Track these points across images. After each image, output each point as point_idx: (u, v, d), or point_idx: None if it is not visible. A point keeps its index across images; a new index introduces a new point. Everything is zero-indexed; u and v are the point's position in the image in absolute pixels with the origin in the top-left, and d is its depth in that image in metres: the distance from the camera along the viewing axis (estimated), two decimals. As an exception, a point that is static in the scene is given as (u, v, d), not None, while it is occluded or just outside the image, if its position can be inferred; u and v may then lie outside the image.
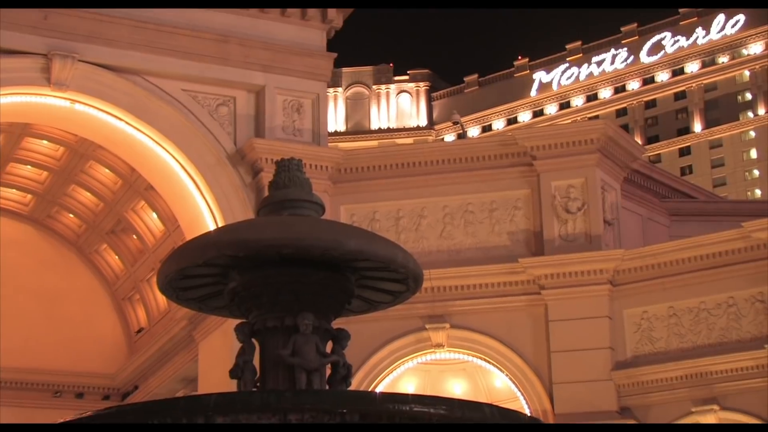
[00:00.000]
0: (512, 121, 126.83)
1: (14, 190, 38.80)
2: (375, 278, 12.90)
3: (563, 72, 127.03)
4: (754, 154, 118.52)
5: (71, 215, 39.22)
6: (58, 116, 32.18)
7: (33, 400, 38.03)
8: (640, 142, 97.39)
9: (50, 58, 30.26)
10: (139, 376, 38.95)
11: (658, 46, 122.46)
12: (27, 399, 38.08)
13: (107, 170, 36.29)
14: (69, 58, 30.36)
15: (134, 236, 38.00)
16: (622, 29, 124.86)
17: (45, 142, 36.15)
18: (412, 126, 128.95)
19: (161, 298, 36.05)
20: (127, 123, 31.43)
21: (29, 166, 37.51)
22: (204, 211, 31.49)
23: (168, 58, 31.54)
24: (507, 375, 30.91)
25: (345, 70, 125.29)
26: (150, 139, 31.56)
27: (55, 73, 30.31)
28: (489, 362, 31.16)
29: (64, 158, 36.56)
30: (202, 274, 12.66)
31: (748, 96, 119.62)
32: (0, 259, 39.02)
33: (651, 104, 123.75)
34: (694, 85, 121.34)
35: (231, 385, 12.61)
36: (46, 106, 31.33)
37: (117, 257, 39.50)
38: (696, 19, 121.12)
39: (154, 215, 36.40)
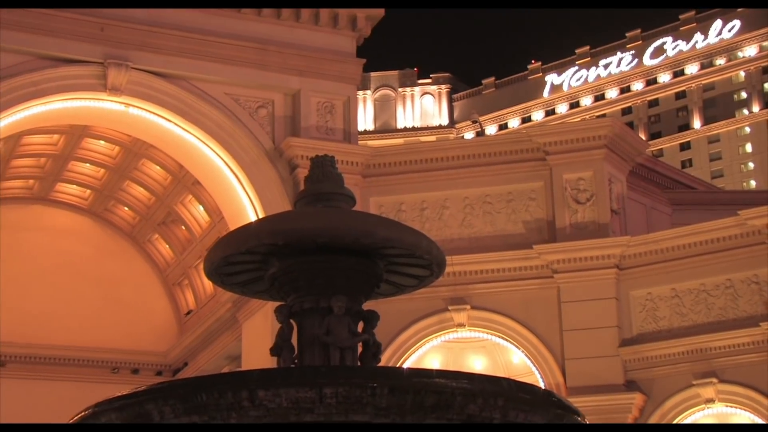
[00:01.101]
0: (526, 119, 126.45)
1: (75, 186, 38.99)
2: (402, 264, 12.89)
3: (573, 74, 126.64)
4: (749, 148, 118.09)
5: (126, 208, 39.38)
6: (113, 119, 32.30)
7: (93, 376, 38.23)
8: (643, 138, 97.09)
9: (106, 65, 30.37)
10: (188, 354, 39.10)
11: (660, 50, 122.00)
12: (88, 375, 38.30)
13: (158, 167, 36.40)
14: (123, 65, 30.45)
15: (183, 227, 38.12)
16: (627, 35, 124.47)
17: (102, 142, 36.29)
18: (434, 125, 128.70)
19: (208, 283, 36.16)
20: (175, 124, 31.52)
21: (88, 164, 37.68)
22: (246, 204, 31.55)
23: (212, 65, 31.60)
24: (523, 351, 30.89)
25: (373, 74, 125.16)
26: (197, 138, 31.64)
27: (111, 80, 30.41)
28: (506, 340, 31.14)
29: (120, 157, 36.70)
30: (244, 261, 12.68)
31: (744, 95, 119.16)
32: (63, 249, 39.33)
33: (654, 103, 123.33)
34: (693, 85, 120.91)
35: (271, 362, 12.64)
36: (103, 109, 31.44)
37: (167, 246, 39.63)
38: (695, 24, 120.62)
39: (201, 208, 36.50)
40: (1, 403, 37.45)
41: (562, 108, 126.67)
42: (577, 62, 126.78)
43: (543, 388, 23.92)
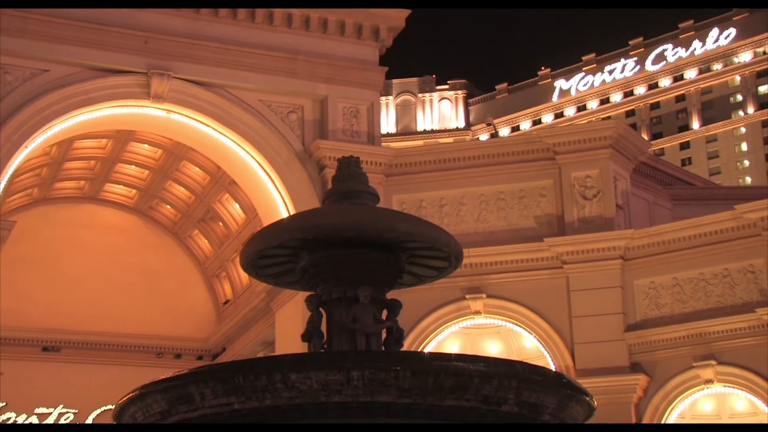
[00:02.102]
0: (537, 122, 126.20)
1: (122, 186, 39.15)
2: (422, 256, 12.88)
3: (580, 80, 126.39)
4: (744, 147, 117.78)
5: (168, 206, 39.51)
6: (156, 124, 32.39)
7: (139, 360, 38.42)
8: (646, 138, 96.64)
9: (150, 75, 30.45)
10: (226, 340, 39.19)
11: (661, 56, 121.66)
12: (134, 359, 38.49)
13: (197, 168, 36.50)
14: (165, 75, 30.52)
15: (220, 223, 38.22)
16: (630, 42, 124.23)
17: (146, 145, 36.41)
18: (452, 127, 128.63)
19: (244, 275, 36.25)
20: (213, 128, 31.57)
21: (133, 166, 37.82)
22: (278, 202, 31.58)
23: (247, 74, 31.64)
24: (535, 336, 30.82)
25: (395, 81, 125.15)
26: (233, 141, 31.69)
27: (154, 88, 30.50)
28: (519, 326, 31.08)
29: (162, 159, 36.82)
30: (277, 254, 12.70)
31: (739, 97, 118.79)
32: (111, 244, 39.50)
33: (655, 106, 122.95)
34: (692, 89, 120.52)
35: (303, 347, 12.66)
36: (147, 115, 31.53)
37: (206, 241, 39.74)
38: (693, 32, 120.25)
39: (237, 205, 36.58)
40: (58, 384, 37.76)
41: (570, 111, 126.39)
42: (583, 68, 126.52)
43: (554, 370, 23.86)
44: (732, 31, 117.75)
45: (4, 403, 36.90)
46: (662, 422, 29.50)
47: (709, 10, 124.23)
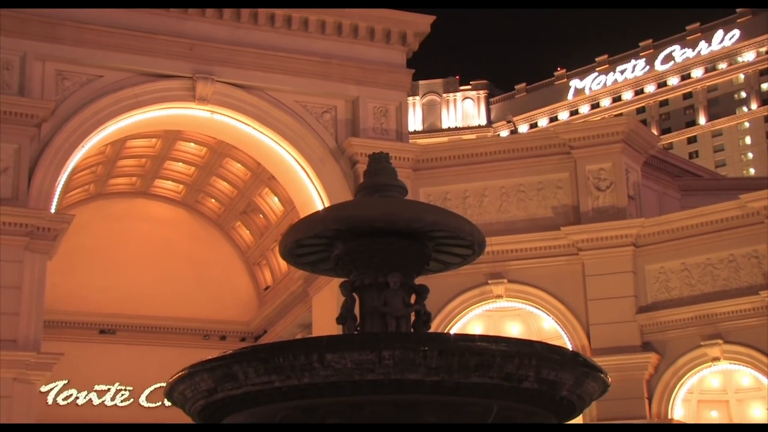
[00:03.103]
0: (553, 119, 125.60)
1: (170, 182, 39.35)
2: (447, 244, 12.83)
3: (594, 79, 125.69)
4: (748, 140, 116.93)
5: (213, 200, 39.67)
6: (201, 124, 32.52)
7: (188, 342, 38.61)
8: (656, 133, 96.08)
9: (195, 79, 30.57)
10: (267, 323, 39.33)
11: (669, 57, 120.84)
12: (184, 341, 38.69)
13: (239, 165, 36.61)
14: (209, 79, 30.64)
15: (261, 215, 38.33)
16: (640, 44, 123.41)
17: (192, 144, 36.56)
18: (474, 125, 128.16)
19: (282, 263, 36.34)
20: (254, 128, 31.66)
21: (180, 163, 38.00)
22: (314, 195, 31.64)
23: (284, 77, 31.69)
24: (553, 318, 30.75)
25: (421, 82, 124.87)
26: (271, 140, 31.77)
27: (199, 91, 30.62)
28: (539, 308, 31.01)
29: (207, 156, 36.95)
30: (313, 243, 12.69)
31: (743, 94, 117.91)
32: (161, 235, 39.72)
33: (664, 103, 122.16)
34: (698, 87, 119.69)
35: (338, 330, 12.67)
36: (192, 116, 31.67)
37: (248, 232, 39.88)
38: (700, 34, 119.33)
39: (276, 199, 36.67)
40: (114, 364, 38.05)
41: (584, 108, 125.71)
42: (597, 69, 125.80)
43: (571, 349, 23.81)
44: (736, 33, 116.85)
45: (66, 381, 37.26)
46: (672, 397, 29.36)
47: (714, 12, 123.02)
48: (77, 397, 37.67)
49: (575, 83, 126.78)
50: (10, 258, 27.23)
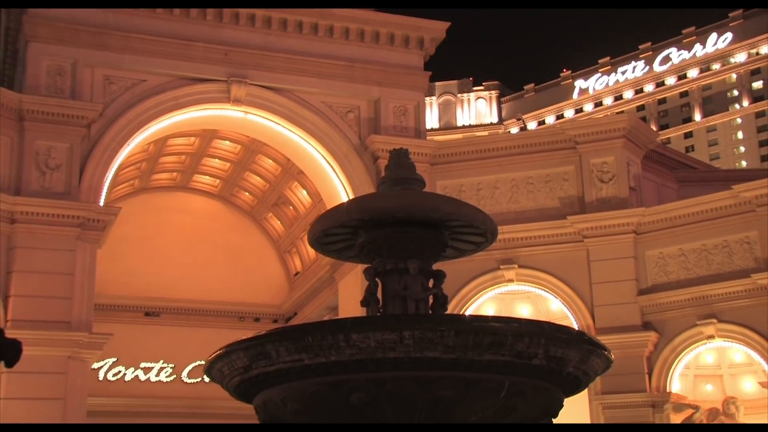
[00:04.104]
0: (560, 116, 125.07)
1: (207, 177, 39.48)
2: (462, 233, 12.81)
3: (597, 79, 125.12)
4: (740, 135, 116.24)
5: (246, 193, 39.77)
6: (235, 124, 32.57)
7: (225, 323, 38.77)
8: (654, 129, 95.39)
9: (230, 82, 30.61)
10: (297, 306, 39.43)
11: (666, 58, 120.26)
12: (221, 322, 38.85)
13: (270, 161, 36.67)
14: (242, 82, 30.68)
15: (291, 207, 38.39)
16: (639, 47, 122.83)
17: (227, 142, 36.64)
18: (486, 123, 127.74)
19: (311, 250, 36.28)
20: (284, 127, 31.69)
21: (217, 160, 38.10)
22: (339, 188, 31.65)
23: (311, 79, 31.69)
24: (560, 300, 30.64)
25: (437, 83, 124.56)
26: (300, 137, 31.79)
27: (233, 93, 30.66)
28: (547, 291, 30.91)
29: (241, 153, 37.04)
30: (339, 232, 12.70)
31: (735, 93, 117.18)
32: (200, 226, 39.88)
33: (662, 101, 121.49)
34: (694, 86, 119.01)
35: (362, 311, 12.68)
36: (227, 116, 31.72)
37: (279, 222, 39.96)
38: (695, 37, 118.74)
39: (304, 192, 36.71)
40: (158, 343, 38.28)
41: (588, 107, 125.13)
42: (599, 70, 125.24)
43: (576, 329, 23.71)
44: (729, 35, 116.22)
45: (115, 359, 37.53)
46: (670, 372, 29.23)
47: (708, 17, 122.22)
48: (125, 374, 37.92)
49: (580, 83, 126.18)
50: (64, 247, 27.42)
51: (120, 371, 37.82)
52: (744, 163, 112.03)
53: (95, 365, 35.45)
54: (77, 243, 27.64)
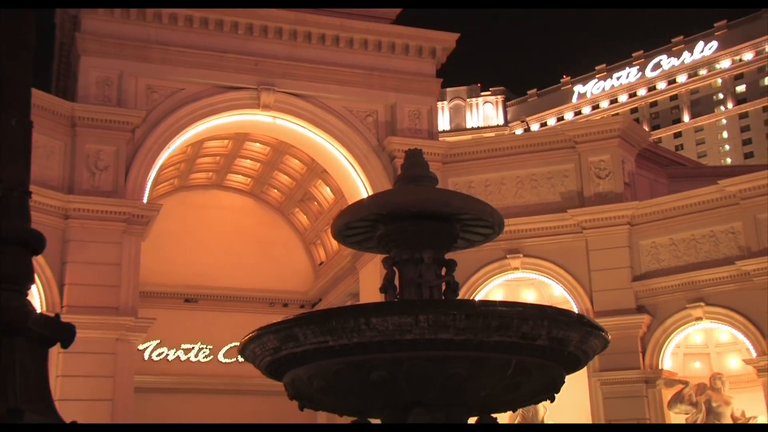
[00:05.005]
0: (560, 119, 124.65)
1: (240, 176, 39.54)
2: (472, 225, 12.79)
3: (594, 85, 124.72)
4: (725, 135, 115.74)
5: (275, 190, 39.81)
6: (265, 127, 32.62)
7: (256, 308, 38.83)
8: (647, 129, 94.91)
9: (259, 90, 30.66)
10: (322, 292, 39.46)
11: (657, 65, 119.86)
12: (252, 307, 38.89)
13: (297, 161, 36.69)
14: (271, 90, 30.71)
15: (315, 203, 38.41)
16: (633, 54, 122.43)
17: (257, 144, 36.69)
18: (493, 125, 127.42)
19: (334, 242, 36.37)
20: (309, 130, 31.71)
21: (248, 160, 38.15)
22: (359, 185, 31.65)
23: (334, 86, 31.69)
24: (562, 286, 30.55)
25: (448, 89, 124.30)
26: (324, 140, 31.81)
27: (263, 100, 30.71)
28: (550, 278, 30.82)
29: (270, 154, 37.07)
30: (359, 226, 12.70)
31: (721, 96, 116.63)
32: (233, 221, 39.95)
33: (654, 104, 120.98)
34: (683, 90, 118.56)
35: (381, 297, 12.68)
36: (258, 121, 31.78)
37: (305, 217, 39.99)
38: (683, 45, 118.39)
39: (328, 189, 36.72)
40: (197, 327, 38.43)
41: (586, 110, 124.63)
42: (596, 76, 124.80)
43: (576, 312, 23.63)
44: (714, 44, 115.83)
45: (158, 341, 37.71)
46: (661, 351, 29.10)
47: (695, 26, 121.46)
48: (167, 354, 38.09)
49: (578, 88, 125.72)
50: (111, 240, 27.62)
51: (163, 352, 38.00)
52: (729, 160, 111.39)
53: (141, 346, 35.61)
54: (123, 236, 27.84)
